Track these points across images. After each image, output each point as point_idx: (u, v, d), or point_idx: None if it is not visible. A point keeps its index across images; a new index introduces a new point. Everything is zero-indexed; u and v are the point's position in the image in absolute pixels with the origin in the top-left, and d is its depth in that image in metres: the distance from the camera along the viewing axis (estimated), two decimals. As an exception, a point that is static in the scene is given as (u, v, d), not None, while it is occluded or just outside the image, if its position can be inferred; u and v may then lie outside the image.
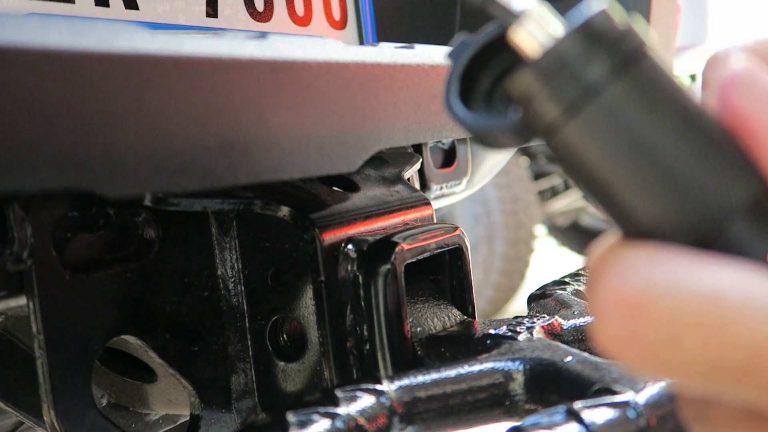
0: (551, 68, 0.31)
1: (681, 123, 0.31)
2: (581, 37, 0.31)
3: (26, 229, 0.54)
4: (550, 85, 0.31)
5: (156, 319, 0.65)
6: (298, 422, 0.46)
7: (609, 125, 0.31)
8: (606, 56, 0.31)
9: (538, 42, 0.32)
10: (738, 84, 0.33)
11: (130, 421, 0.77)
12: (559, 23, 0.32)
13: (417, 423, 0.51)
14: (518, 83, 0.32)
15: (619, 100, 0.31)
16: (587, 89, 0.31)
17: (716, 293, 0.29)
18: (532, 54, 0.32)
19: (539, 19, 0.33)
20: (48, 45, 0.37)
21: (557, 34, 0.32)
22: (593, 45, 0.31)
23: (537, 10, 0.33)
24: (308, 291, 0.64)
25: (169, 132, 0.44)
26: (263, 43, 0.50)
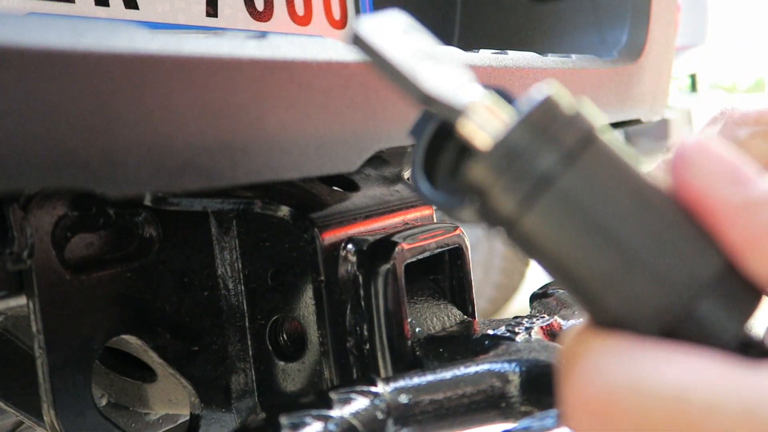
0: (502, 161, 0.31)
1: (636, 207, 0.31)
2: (528, 128, 0.31)
3: (26, 228, 0.54)
4: (502, 178, 0.31)
5: (156, 319, 0.65)
6: (290, 425, 0.46)
7: (565, 215, 0.31)
8: (554, 146, 0.31)
9: (486, 135, 0.32)
10: (687, 159, 0.32)
11: (130, 421, 0.77)
12: (505, 114, 0.32)
13: (412, 425, 0.51)
14: (471, 176, 0.32)
15: (572, 189, 0.31)
16: (539, 181, 0.31)
17: (681, 394, 0.29)
18: (482, 147, 0.32)
19: (485, 111, 0.32)
20: (48, 45, 0.37)
21: (504, 125, 0.31)
22: (541, 135, 0.31)
23: (482, 102, 0.32)
24: (308, 291, 0.64)
25: (169, 131, 0.44)
26: (263, 43, 0.50)
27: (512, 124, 0.31)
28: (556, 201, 0.31)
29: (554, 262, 0.32)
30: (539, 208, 0.31)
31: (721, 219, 0.31)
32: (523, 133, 0.31)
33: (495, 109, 0.32)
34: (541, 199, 0.31)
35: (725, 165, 0.32)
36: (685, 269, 0.31)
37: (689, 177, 0.32)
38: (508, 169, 0.31)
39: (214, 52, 0.46)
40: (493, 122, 0.32)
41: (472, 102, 0.32)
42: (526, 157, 0.31)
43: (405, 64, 0.33)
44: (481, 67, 0.70)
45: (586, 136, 0.31)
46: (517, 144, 0.31)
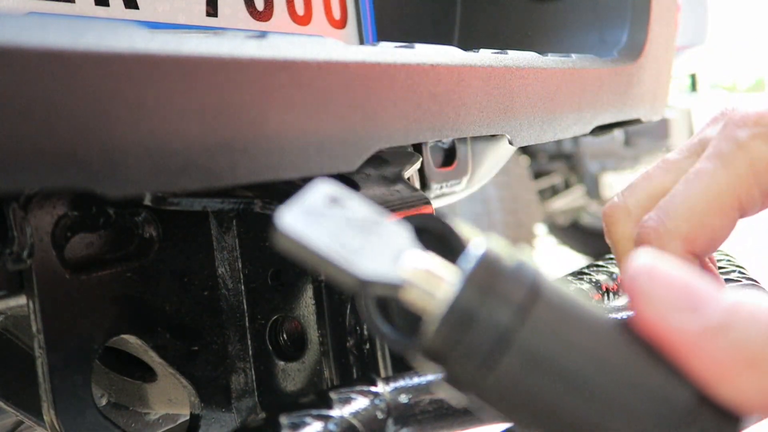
0: (455, 328, 0.30)
1: (597, 350, 0.30)
2: (474, 289, 0.30)
3: (26, 228, 0.54)
4: (459, 346, 0.30)
5: (156, 319, 0.65)
6: (290, 424, 0.46)
7: (529, 371, 0.30)
8: (504, 303, 0.30)
9: (432, 302, 0.31)
10: (638, 288, 0.31)
11: (130, 421, 0.77)
12: (448, 274, 0.31)
13: (412, 425, 0.51)
14: (427, 347, 0.31)
15: (530, 344, 0.30)
16: (497, 342, 0.30)
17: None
18: (431, 315, 0.31)
19: (426, 277, 0.31)
20: (48, 44, 0.37)
21: (449, 288, 0.31)
22: (487, 294, 0.30)
23: (420, 269, 0.31)
24: (308, 290, 0.64)
25: (169, 131, 0.44)
26: (263, 43, 0.50)
27: (457, 286, 0.30)
28: (516, 359, 0.30)
29: (525, 418, 0.31)
30: (502, 368, 0.30)
31: (683, 349, 0.30)
32: (469, 295, 0.30)
33: (435, 272, 0.31)
34: (503, 359, 0.30)
35: (677, 290, 0.31)
36: (659, 407, 0.30)
37: (643, 308, 0.31)
38: (462, 335, 0.30)
39: (214, 51, 0.46)
40: (437, 287, 0.31)
41: (411, 272, 0.31)
42: (478, 320, 0.30)
43: (334, 251, 0.31)
44: (481, 67, 0.70)
45: (533, 287, 0.31)
46: (466, 307, 0.30)
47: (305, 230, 0.32)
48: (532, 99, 0.77)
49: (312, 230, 0.32)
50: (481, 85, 0.70)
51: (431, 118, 0.64)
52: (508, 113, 0.74)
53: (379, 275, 0.31)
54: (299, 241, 0.31)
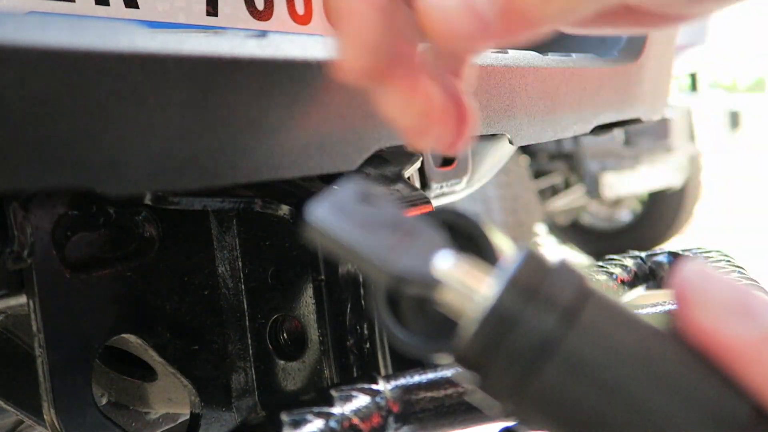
0: (495, 333, 0.28)
1: (648, 361, 0.28)
2: (517, 291, 0.28)
3: (26, 227, 0.54)
4: (499, 353, 0.28)
5: (156, 318, 0.65)
6: (291, 422, 0.46)
7: (575, 381, 0.28)
8: (550, 307, 0.28)
9: (471, 305, 0.29)
10: (691, 296, 0.29)
11: (130, 420, 0.77)
12: (486, 276, 0.29)
13: (413, 423, 0.51)
14: (464, 351, 0.29)
15: (578, 351, 0.28)
16: (541, 349, 0.28)
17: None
18: (469, 319, 0.29)
19: (464, 277, 0.29)
20: (48, 44, 0.37)
21: (489, 291, 0.29)
22: (532, 297, 0.28)
23: (460, 267, 0.30)
24: (308, 290, 0.64)
25: (169, 131, 0.44)
26: (263, 42, 0.50)
27: (498, 288, 0.28)
28: (562, 367, 0.28)
29: (566, 429, 0.29)
30: (545, 377, 0.28)
31: (741, 359, 0.28)
32: (512, 297, 0.28)
33: (473, 272, 0.30)
34: (547, 367, 0.28)
35: (733, 297, 0.29)
36: (713, 422, 0.28)
37: (696, 314, 0.29)
38: (503, 340, 0.28)
39: (214, 51, 0.46)
40: (476, 288, 0.29)
41: (449, 271, 0.30)
42: (521, 324, 0.28)
43: (368, 247, 0.30)
44: (481, 66, 0.70)
45: (580, 291, 0.29)
46: (508, 310, 0.28)
47: (338, 224, 0.31)
48: (532, 98, 0.77)
49: (344, 225, 0.31)
50: (481, 85, 0.70)
51: (431, 117, 0.64)
52: (508, 112, 0.74)
53: (414, 272, 0.30)
54: (332, 235, 0.30)
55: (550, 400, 0.29)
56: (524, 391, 0.29)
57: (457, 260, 0.30)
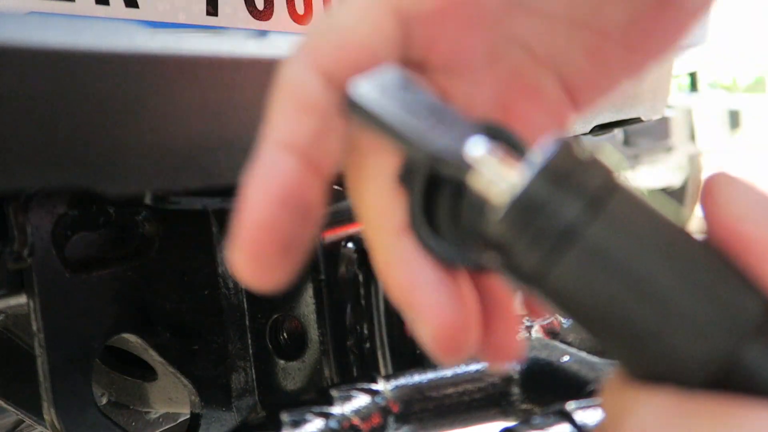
0: (523, 216, 0.29)
1: (669, 253, 0.29)
2: (548, 177, 0.29)
3: (26, 227, 0.54)
4: (525, 234, 0.29)
5: (156, 318, 0.65)
6: (291, 421, 0.46)
7: (595, 267, 0.29)
8: (578, 194, 0.29)
9: (502, 188, 0.30)
10: (716, 194, 0.30)
11: (130, 420, 0.77)
12: (519, 164, 0.30)
13: (412, 422, 0.51)
14: (490, 233, 0.30)
15: (600, 239, 0.29)
16: (565, 233, 0.29)
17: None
18: (499, 201, 0.30)
19: (497, 163, 0.30)
20: (48, 43, 0.37)
21: (520, 176, 0.29)
22: (562, 184, 0.29)
23: (493, 153, 0.30)
24: (308, 290, 0.64)
25: (169, 130, 0.44)
26: (263, 42, 0.50)
27: (530, 174, 0.29)
28: (584, 253, 0.29)
29: (585, 317, 0.30)
30: (567, 261, 0.29)
31: (761, 255, 0.29)
32: (542, 183, 0.29)
33: (507, 160, 0.30)
34: (569, 252, 0.29)
35: (758, 197, 0.30)
36: (727, 315, 0.28)
37: (721, 213, 0.30)
38: (530, 224, 0.29)
39: (214, 50, 0.46)
40: (508, 175, 0.30)
41: (482, 156, 0.31)
42: (549, 209, 0.29)
43: (407, 125, 0.31)
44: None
45: (609, 182, 0.29)
46: (537, 195, 0.29)
47: (379, 102, 0.31)
48: (532, 98, 0.77)
49: (385, 103, 0.31)
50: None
51: (431, 117, 0.64)
52: (508, 112, 0.74)
53: (450, 154, 0.31)
54: (373, 112, 0.31)
55: (570, 286, 0.29)
56: (545, 274, 0.29)
57: (490, 147, 0.31)
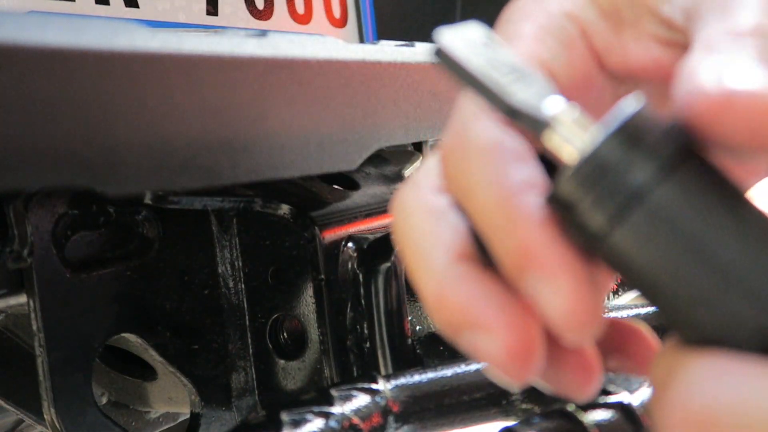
0: (592, 175, 0.29)
1: (734, 222, 0.29)
2: (620, 140, 0.29)
3: (26, 227, 0.54)
4: (591, 193, 0.29)
5: (156, 317, 0.65)
6: (291, 421, 0.46)
7: (658, 231, 0.29)
8: (650, 157, 0.29)
9: (574, 148, 0.30)
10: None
11: (130, 419, 0.77)
12: (594, 126, 0.30)
13: (413, 422, 0.51)
14: (558, 191, 0.30)
15: (667, 203, 0.29)
16: (632, 194, 0.29)
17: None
18: (570, 160, 0.30)
19: (572, 123, 0.31)
20: (48, 43, 0.37)
21: (594, 137, 0.30)
22: (634, 147, 0.29)
23: (568, 114, 0.31)
24: (308, 289, 0.64)
25: (169, 130, 0.44)
26: (263, 41, 0.50)
27: (603, 135, 0.30)
28: (649, 216, 0.29)
29: (645, 280, 0.30)
30: (632, 222, 0.29)
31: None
32: (615, 143, 0.29)
33: (582, 121, 0.31)
34: (635, 213, 0.29)
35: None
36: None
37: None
38: (598, 183, 0.29)
39: (214, 50, 0.46)
40: (582, 135, 0.30)
41: (558, 114, 0.31)
42: (619, 169, 0.29)
43: (489, 77, 0.32)
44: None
45: (685, 148, 0.29)
46: (608, 155, 0.29)
47: (464, 53, 0.33)
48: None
49: (469, 55, 0.33)
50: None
51: (432, 116, 0.64)
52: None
53: (528, 108, 0.32)
54: (458, 61, 0.33)
55: (632, 247, 0.29)
56: (608, 234, 0.30)
57: (568, 106, 0.32)
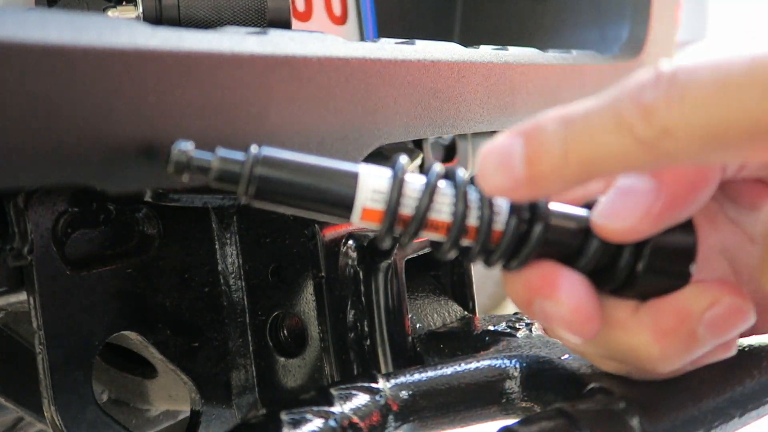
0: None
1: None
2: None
3: (27, 224, 0.54)
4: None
5: (156, 315, 0.65)
6: (291, 420, 0.46)
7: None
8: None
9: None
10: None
11: (130, 417, 0.77)
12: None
13: (412, 421, 0.51)
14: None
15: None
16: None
17: None
18: None
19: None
20: (49, 40, 0.37)
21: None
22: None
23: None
24: (309, 287, 0.64)
25: (169, 128, 0.44)
26: (264, 39, 0.50)
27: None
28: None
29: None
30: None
31: None
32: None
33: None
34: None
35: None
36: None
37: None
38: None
39: (214, 48, 0.46)
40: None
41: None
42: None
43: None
44: (482, 63, 0.70)
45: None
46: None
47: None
48: (532, 95, 0.77)
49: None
50: (482, 82, 0.69)
51: (432, 114, 0.64)
52: (509, 109, 0.74)
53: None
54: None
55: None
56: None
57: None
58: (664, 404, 0.45)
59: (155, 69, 0.42)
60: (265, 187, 0.41)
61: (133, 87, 0.41)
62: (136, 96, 0.41)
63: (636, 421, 0.44)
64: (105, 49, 0.40)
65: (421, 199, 0.41)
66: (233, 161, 0.41)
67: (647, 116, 0.35)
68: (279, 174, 0.41)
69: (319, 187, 0.41)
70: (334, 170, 0.42)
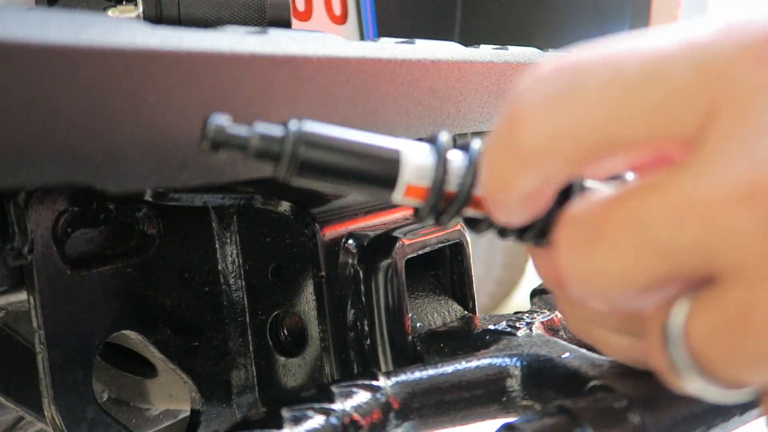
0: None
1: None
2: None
3: (27, 224, 0.54)
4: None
5: (156, 315, 0.65)
6: (292, 417, 0.46)
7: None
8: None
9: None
10: None
11: (130, 416, 0.77)
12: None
13: (413, 419, 0.51)
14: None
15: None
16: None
17: None
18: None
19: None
20: (49, 40, 0.37)
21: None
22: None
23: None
24: (309, 286, 0.64)
25: (170, 127, 0.44)
26: (264, 38, 0.50)
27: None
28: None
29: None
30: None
31: None
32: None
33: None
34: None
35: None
36: None
37: None
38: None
39: (214, 47, 0.46)
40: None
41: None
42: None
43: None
44: (482, 63, 0.70)
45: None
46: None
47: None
48: (532, 95, 0.77)
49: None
50: (482, 81, 0.70)
51: (432, 114, 0.64)
52: (509, 109, 0.74)
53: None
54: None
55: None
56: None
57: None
58: (665, 401, 0.45)
59: (155, 68, 0.42)
60: (308, 166, 0.41)
61: (132, 86, 0.41)
62: (135, 95, 0.41)
63: (637, 418, 0.44)
64: (105, 49, 0.40)
65: (465, 176, 0.41)
66: (274, 138, 0.41)
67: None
68: (322, 153, 0.41)
69: (362, 165, 0.41)
70: (377, 147, 0.42)
